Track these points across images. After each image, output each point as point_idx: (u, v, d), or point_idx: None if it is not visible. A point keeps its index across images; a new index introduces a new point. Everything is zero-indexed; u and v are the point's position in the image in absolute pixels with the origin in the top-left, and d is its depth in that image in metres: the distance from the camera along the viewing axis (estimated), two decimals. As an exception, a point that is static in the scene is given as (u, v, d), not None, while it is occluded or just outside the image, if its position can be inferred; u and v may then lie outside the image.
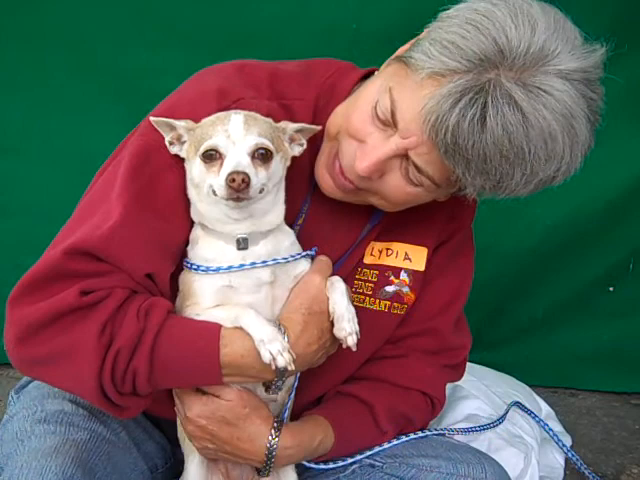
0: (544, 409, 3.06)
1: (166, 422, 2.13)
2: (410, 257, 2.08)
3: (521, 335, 3.34)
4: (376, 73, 1.93)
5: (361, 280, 2.08)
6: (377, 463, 2.06)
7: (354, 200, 1.94)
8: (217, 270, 1.81)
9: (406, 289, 2.08)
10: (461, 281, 2.19)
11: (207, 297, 1.81)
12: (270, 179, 1.77)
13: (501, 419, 2.66)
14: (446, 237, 2.13)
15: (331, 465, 2.05)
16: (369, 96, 1.82)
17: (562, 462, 2.84)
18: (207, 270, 1.81)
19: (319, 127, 1.89)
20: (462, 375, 2.30)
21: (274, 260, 1.83)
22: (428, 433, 2.16)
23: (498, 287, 3.23)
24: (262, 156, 1.75)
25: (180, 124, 1.81)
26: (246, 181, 1.68)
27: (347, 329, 1.82)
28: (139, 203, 1.78)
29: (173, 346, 1.76)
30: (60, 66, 3.16)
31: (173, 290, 1.88)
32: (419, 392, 2.14)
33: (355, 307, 2.00)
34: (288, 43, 3.03)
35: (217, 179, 1.72)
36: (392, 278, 2.08)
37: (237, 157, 1.72)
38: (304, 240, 1.94)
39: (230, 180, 1.68)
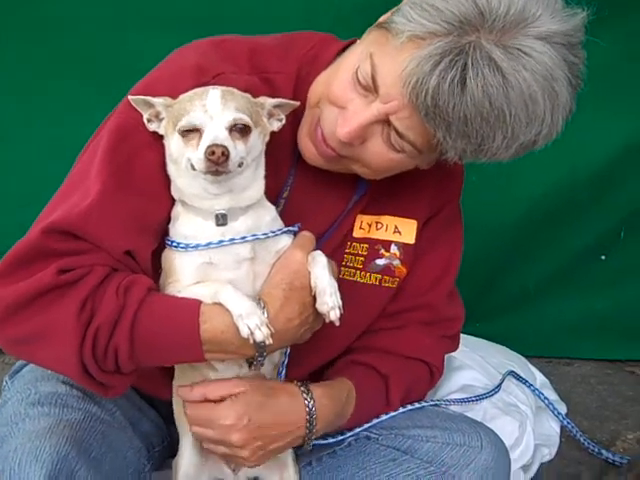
0: (539, 378, 3.06)
1: (159, 401, 2.13)
2: (400, 230, 2.08)
3: (514, 306, 3.35)
4: (357, 42, 1.92)
5: (351, 254, 2.07)
6: (373, 435, 2.07)
7: (337, 168, 1.94)
8: (196, 247, 1.80)
9: (397, 262, 2.08)
10: (451, 254, 2.19)
11: (187, 274, 1.81)
12: (249, 153, 1.77)
13: (496, 389, 2.67)
14: (435, 210, 2.13)
15: (329, 440, 2.05)
16: (350, 63, 1.81)
17: (558, 430, 2.84)
18: (186, 248, 1.81)
19: (297, 103, 1.88)
20: (458, 346, 2.32)
21: (253, 236, 1.82)
22: (424, 404, 2.17)
23: (489, 259, 3.23)
24: (240, 130, 1.74)
25: (158, 101, 1.80)
26: (225, 154, 1.68)
27: (329, 303, 1.80)
28: (117, 181, 1.78)
29: (153, 322, 1.76)
30: (40, 54, 3.15)
31: (157, 268, 1.87)
32: (420, 361, 2.16)
33: (346, 281, 2.01)
34: (270, 21, 3.01)
35: (195, 153, 1.72)
36: (382, 251, 2.07)
37: (215, 131, 1.71)
38: (290, 213, 1.94)
39: (209, 153, 1.68)
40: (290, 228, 1.89)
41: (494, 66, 1.62)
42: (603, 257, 3.30)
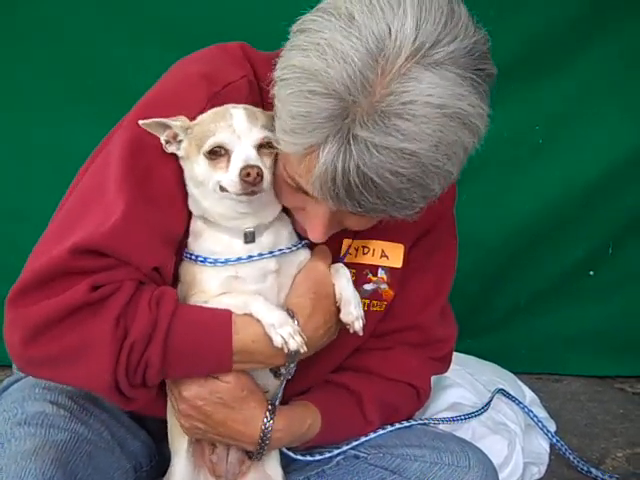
0: (528, 395, 3.07)
1: (151, 419, 2.11)
2: (387, 254, 2.08)
3: (504, 322, 3.36)
4: None
5: None
6: (361, 454, 2.06)
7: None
8: (225, 262, 1.83)
9: (384, 286, 2.09)
10: (443, 273, 2.19)
11: (213, 286, 1.83)
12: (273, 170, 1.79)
13: (485, 407, 2.67)
14: (423, 231, 2.12)
15: (317, 457, 2.05)
16: (279, 174, 1.79)
17: (547, 448, 2.85)
18: (215, 263, 1.83)
19: None
20: (448, 367, 2.32)
21: (280, 250, 1.86)
22: (413, 423, 2.16)
23: (479, 275, 3.24)
24: (267, 148, 1.75)
25: (175, 123, 1.78)
26: (260, 174, 1.69)
27: (354, 313, 1.85)
28: (139, 196, 1.77)
29: (187, 333, 1.77)
30: (34, 63, 3.14)
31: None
32: (405, 384, 2.15)
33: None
34: (263, 37, 3.00)
35: (227, 175, 1.72)
36: (370, 276, 2.08)
37: (246, 150, 1.72)
38: None
39: (245, 175, 1.68)
40: (305, 242, 1.92)
41: (374, 149, 1.56)
42: (592, 272, 3.31)
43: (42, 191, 2.84)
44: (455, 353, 3.10)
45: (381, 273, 2.08)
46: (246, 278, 1.84)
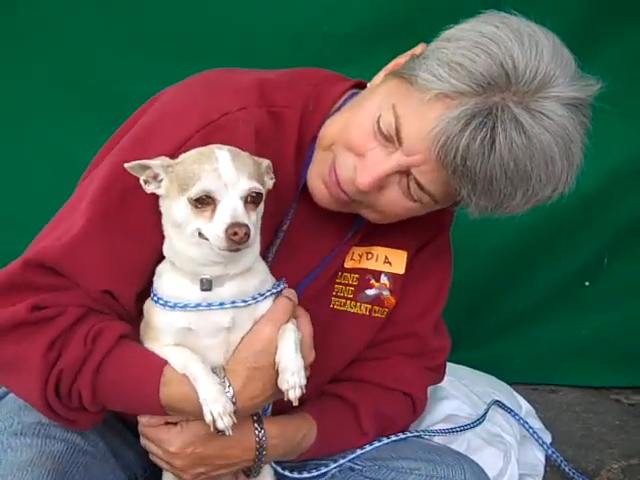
0: (524, 407, 3.07)
1: None
2: (390, 261, 2.10)
3: (500, 333, 3.36)
4: (369, 85, 1.95)
5: (342, 284, 2.09)
6: (357, 466, 2.06)
7: (345, 210, 1.95)
8: (174, 307, 1.75)
9: (386, 292, 2.10)
10: (440, 284, 2.20)
11: (166, 336, 1.78)
12: (258, 220, 1.72)
13: (481, 419, 2.67)
14: (426, 240, 2.15)
15: (313, 473, 2.04)
16: (369, 111, 1.82)
17: (542, 459, 2.85)
18: (165, 305, 1.76)
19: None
20: (443, 377, 2.33)
21: (232, 304, 1.76)
22: (408, 435, 2.17)
23: (475, 286, 3.24)
24: (253, 199, 1.67)
25: (155, 163, 1.71)
26: (248, 233, 1.61)
27: (290, 382, 1.74)
28: (104, 220, 1.77)
29: (116, 375, 1.78)
30: (34, 64, 3.14)
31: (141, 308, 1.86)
32: (401, 392, 2.16)
33: (337, 311, 2.03)
34: (259, 47, 3.03)
35: (210, 226, 1.63)
36: (373, 281, 2.09)
37: (233, 204, 1.63)
38: (287, 246, 1.94)
39: (231, 233, 1.60)
40: (273, 291, 1.83)
41: (520, 128, 1.66)
42: (587, 283, 3.31)
43: (40, 197, 2.85)
44: (450, 364, 3.10)
45: (384, 279, 2.09)
46: (199, 332, 1.76)
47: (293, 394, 1.74)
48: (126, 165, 1.73)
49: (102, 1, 3.11)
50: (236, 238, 1.60)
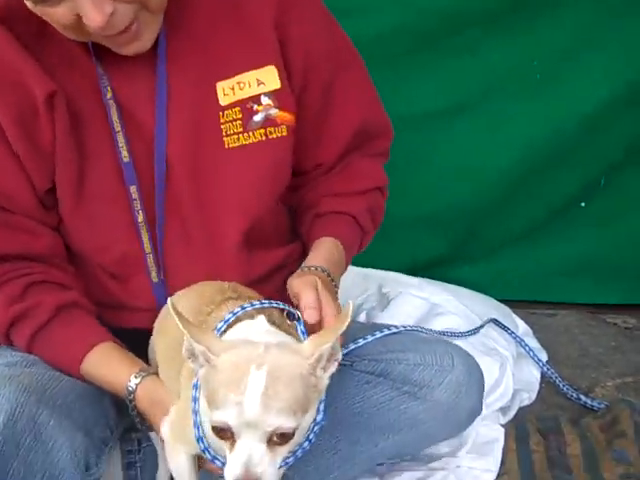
0: (521, 327, 3.11)
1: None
2: (263, 81, 1.98)
3: (498, 252, 3.37)
4: None
5: (227, 122, 1.98)
6: (346, 362, 2.06)
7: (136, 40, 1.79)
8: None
9: (274, 111, 1.99)
10: (360, 93, 2.14)
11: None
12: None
13: (476, 329, 2.71)
14: (286, 42, 2.00)
15: None
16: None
17: (538, 376, 2.88)
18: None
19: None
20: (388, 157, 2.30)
21: None
22: (401, 329, 2.21)
23: (474, 206, 3.25)
24: (281, 437, 1.40)
25: (199, 349, 1.43)
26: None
27: None
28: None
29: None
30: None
31: None
32: (375, 189, 2.20)
33: (233, 149, 1.97)
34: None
35: (228, 460, 1.42)
36: (256, 107, 1.99)
37: (249, 450, 1.38)
38: (127, 114, 1.91)
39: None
40: None
41: None
42: (583, 204, 3.32)
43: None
44: (449, 285, 3.15)
45: (265, 100, 1.99)
46: None
47: None
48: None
49: None
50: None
